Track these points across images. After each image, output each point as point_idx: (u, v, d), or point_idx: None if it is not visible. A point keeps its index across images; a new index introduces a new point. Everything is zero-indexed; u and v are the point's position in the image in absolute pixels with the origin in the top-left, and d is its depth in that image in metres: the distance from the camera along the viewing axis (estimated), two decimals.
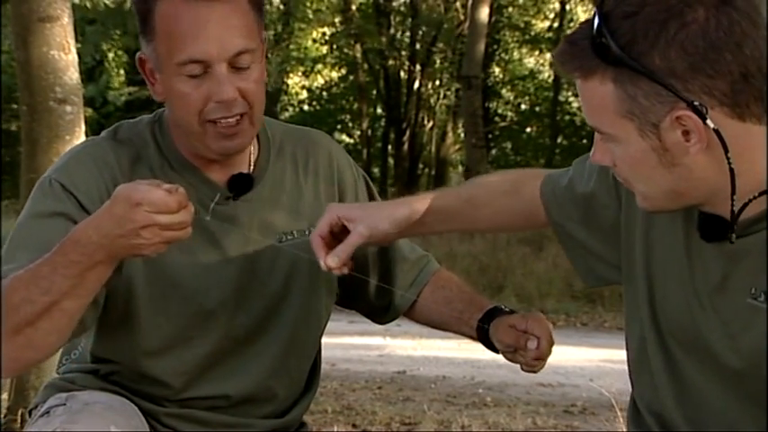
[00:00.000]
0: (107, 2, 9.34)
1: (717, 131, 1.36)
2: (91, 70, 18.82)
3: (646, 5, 1.36)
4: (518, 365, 1.88)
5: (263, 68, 1.78)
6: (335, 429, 4.81)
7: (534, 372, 1.84)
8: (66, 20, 4.12)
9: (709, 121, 1.35)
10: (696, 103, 1.35)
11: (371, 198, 2.03)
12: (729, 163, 1.38)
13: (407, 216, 1.78)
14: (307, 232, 1.88)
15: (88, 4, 9.26)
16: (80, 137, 4.15)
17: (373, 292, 2.01)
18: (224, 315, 1.83)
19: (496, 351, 1.92)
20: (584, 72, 1.42)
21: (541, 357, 1.80)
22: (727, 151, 1.37)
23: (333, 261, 1.71)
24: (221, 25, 1.70)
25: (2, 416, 4.29)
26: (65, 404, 1.77)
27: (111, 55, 20.09)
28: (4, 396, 4.50)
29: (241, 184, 1.84)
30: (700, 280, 1.53)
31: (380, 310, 2.05)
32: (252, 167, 1.87)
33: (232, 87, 1.71)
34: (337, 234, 1.75)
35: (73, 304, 1.59)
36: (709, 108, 1.36)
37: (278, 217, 1.88)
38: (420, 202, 1.79)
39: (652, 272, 1.62)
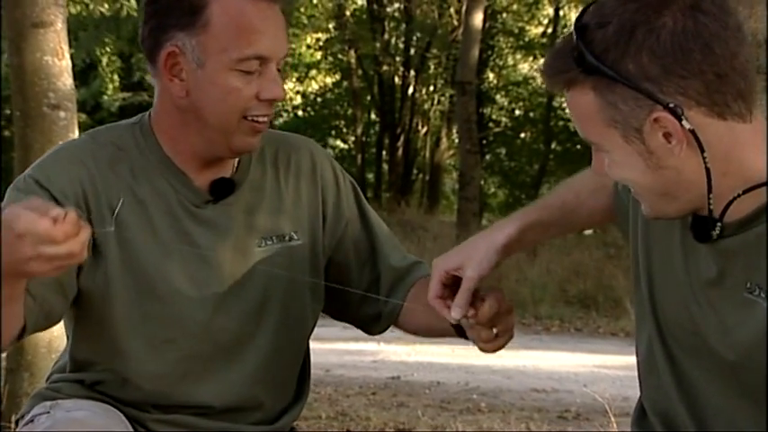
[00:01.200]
0: (103, 10, 9.32)
1: (693, 131, 1.40)
2: (84, 74, 18.81)
3: (616, 15, 1.41)
4: (513, 373, 1.87)
5: None
6: None
7: (486, 351, 1.78)
8: (60, 25, 4.12)
9: (684, 122, 1.39)
10: (671, 105, 1.39)
11: (359, 204, 2.00)
12: (705, 162, 1.41)
13: (505, 243, 1.76)
14: (287, 238, 1.88)
15: (84, 12, 9.24)
16: None
17: (360, 303, 1.98)
18: (203, 318, 1.82)
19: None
20: (566, 83, 1.46)
21: (481, 322, 1.73)
22: (703, 151, 1.41)
23: (457, 313, 1.70)
24: (278, 26, 1.77)
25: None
26: (49, 412, 1.77)
27: (104, 60, 20.07)
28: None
29: (222, 189, 1.84)
30: (696, 278, 1.55)
31: (370, 321, 2.01)
32: (234, 171, 1.87)
33: (282, 87, 1.78)
34: (449, 284, 1.75)
35: (10, 312, 1.57)
36: (686, 108, 1.40)
37: (258, 221, 1.88)
38: (513, 224, 1.77)
39: (652, 273, 1.65)
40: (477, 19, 14.97)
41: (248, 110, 1.75)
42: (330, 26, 22.42)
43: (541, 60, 23.42)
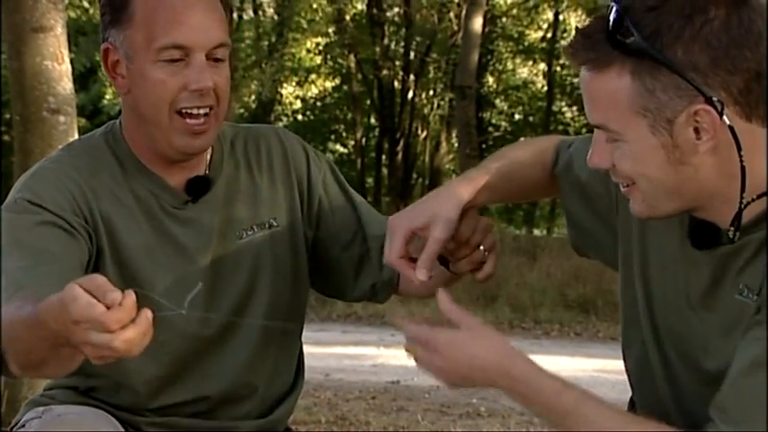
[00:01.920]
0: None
1: (731, 128, 1.38)
2: (83, 79, 18.81)
3: (668, 0, 1.38)
4: None
5: (230, 68, 1.82)
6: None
7: (483, 277, 1.77)
8: (60, 30, 4.13)
9: (725, 118, 1.37)
10: (715, 99, 1.37)
11: (338, 181, 1.99)
12: (741, 160, 1.40)
13: (467, 202, 1.72)
14: (266, 225, 1.89)
15: (84, 17, 9.27)
16: None
17: (355, 276, 1.97)
18: (192, 317, 1.82)
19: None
20: (599, 64, 1.42)
21: (460, 241, 1.72)
22: (740, 149, 1.39)
23: (422, 275, 1.68)
24: (205, 15, 1.74)
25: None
26: (41, 417, 1.78)
27: None
28: None
29: (198, 187, 1.85)
30: (693, 284, 1.55)
31: (372, 292, 1.99)
32: (207, 169, 1.88)
33: (210, 76, 1.73)
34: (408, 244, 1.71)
35: (55, 356, 1.53)
36: (725, 105, 1.38)
37: (237, 214, 1.89)
38: (471, 184, 1.73)
39: (649, 276, 1.64)
40: (477, 23, 14.99)
41: (178, 102, 1.74)
42: (330, 30, 22.42)
43: (541, 65, 23.44)
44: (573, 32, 1.51)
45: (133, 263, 1.80)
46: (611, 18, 1.40)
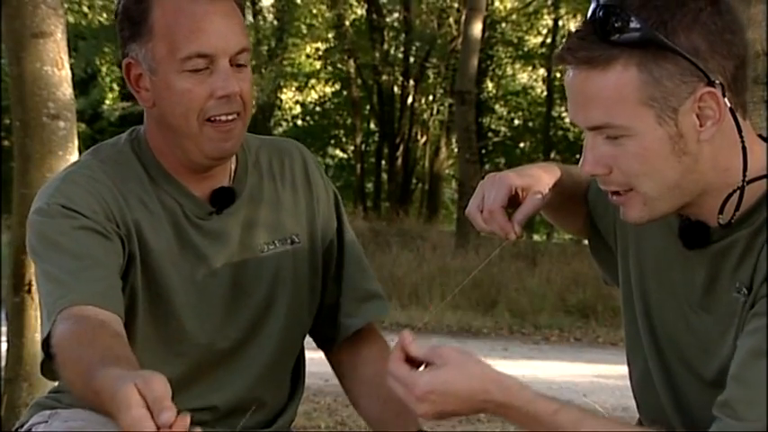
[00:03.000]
0: (102, 19, 9.36)
1: (731, 110, 1.42)
2: (84, 84, 18.82)
3: None
4: None
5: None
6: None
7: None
8: (60, 36, 4.13)
9: (726, 100, 1.41)
10: (717, 81, 1.41)
11: (339, 216, 1.98)
12: (742, 140, 1.44)
13: (554, 181, 1.73)
14: (289, 240, 1.90)
15: (83, 22, 9.27)
16: (73, 152, 4.15)
17: (327, 317, 1.97)
18: (211, 329, 1.83)
19: None
20: (601, 61, 1.43)
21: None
22: (740, 131, 1.43)
23: (519, 228, 1.68)
24: (225, 21, 1.74)
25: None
26: (47, 421, 1.77)
27: (104, 69, 20.09)
28: None
29: (223, 198, 1.85)
30: (690, 287, 1.56)
31: (324, 338, 1.98)
32: (231, 180, 1.88)
33: (235, 82, 1.74)
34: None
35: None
36: (724, 87, 1.42)
37: (259, 227, 1.88)
38: (555, 174, 1.74)
39: (647, 288, 1.65)
40: (477, 29, 14.99)
41: (207, 110, 1.74)
42: (329, 36, 22.45)
43: (540, 70, 23.46)
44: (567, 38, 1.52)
45: (159, 270, 1.80)
46: (601, 16, 1.42)
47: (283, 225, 1.91)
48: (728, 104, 1.41)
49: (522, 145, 23.79)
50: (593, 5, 1.45)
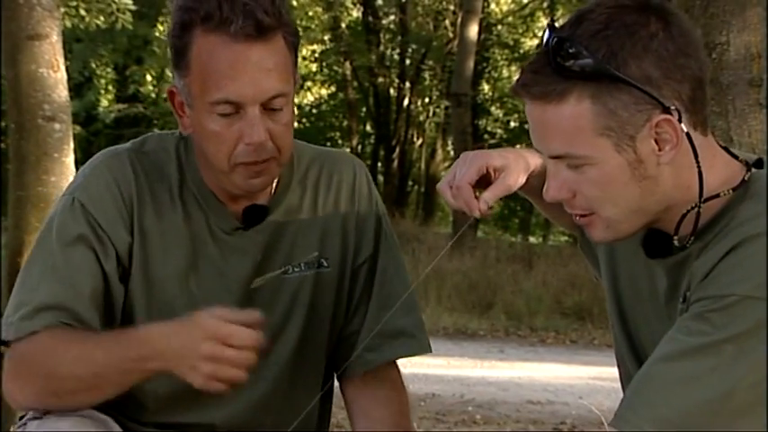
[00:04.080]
0: (99, 22, 9.31)
1: (688, 135, 1.42)
2: (79, 86, 18.80)
3: (612, 21, 1.42)
4: (508, 385, 1.86)
5: (293, 110, 1.77)
6: None
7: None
8: (55, 38, 4.13)
9: (683, 125, 1.41)
10: (672, 108, 1.41)
11: (377, 242, 1.91)
12: (698, 165, 1.44)
13: (537, 168, 1.73)
14: (315, 264, 1.85)
15: (81, 25, 9.22)
16: (69, 154, 4.15)
17: (342, 343, 1.92)
18: None
19: None
20: (556, 95, 1.44)
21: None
22: (696, 155, 1.43)
23: (484, 206, 1.67)
24: (258, 68, 1.68)
25: None
26: (41, 418, 1.75)
27: (99, 71, 20.07)
28: None
29: (254, 215, 1.82)
30: (656, 294, 1.58)
31: (337, 362, 1.94)
32: (271, 196, 1.84)
33: (263, 130, 1.69)
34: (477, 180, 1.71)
35: (114, 390, 1.69)
36: (680, 112, 1.42)
37: (286, 248, 1.84)
38: (538, 158, 1.73)
39: (620, 291, 1.68)
40: (473, 31, 15.00)
41: (236, 156, 1.71)
42: (325, 38, 22.44)
43: None
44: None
45: (162, 284, 1.79)
46: (554, 48, 1.42)
47: (313, 247, 1.86)
48: (685, 129, 1.41)
49: (518, 147, 23.77)
50: (546, 35, 1.46)
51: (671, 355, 1.40)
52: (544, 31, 1.47)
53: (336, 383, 1.94)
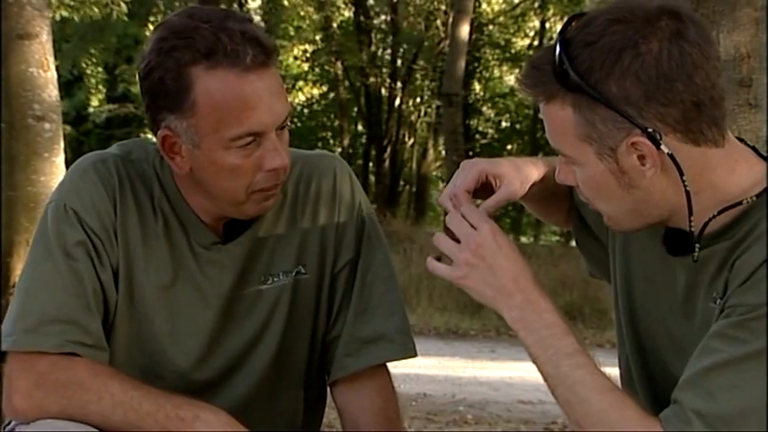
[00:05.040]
0: (93, 14, 9.31)
1: (671, 156, 1.41)
2: (69, 86, 18.76)
3: (604, 35, 1.41)
4: (499, 385, 1.86)
5: None
6: None
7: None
8: (45, 37, 4.12)
9: (663, 147, 1.40)
10: (650, 130, 1.40)
11: (359, 246, 1.88)
12: (685, 185, 1.43)
13: (539, 178, 1.72)
14: (293, 272, 1.84)
15: (76, 17, 9.20)
16: (59, 154, 4.14)
17: (326, 349, 1.90)
18: (193, 357, 1.81)
19: None
20: (545, 96, 1.46)
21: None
22: (682, 174, 1.42)
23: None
24: (271, 93, 1.65)
25: None
26: (28, 423, 1.72)
27: (89, 71, 20.04)
28: None
29: (235, 230, 1.80)
30: (673, 292, 1.57)
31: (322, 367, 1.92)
32: None
33: (285, 153, 1.68)
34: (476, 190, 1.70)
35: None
36: (663, 134, 1.41)
37: (264, 258, 1.83)
38: (540, 169, 1.73)
39: (633, 289, 1.66)
40: (464, 31, 15.03)
41: (255, 184, 1.68)
42: (317, 38, 22.45)
43: None
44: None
45: (145, 296, 1.78)
46: (556, 51, 1.43)
47: (291, 255, 1.84)
48: (667, 150, 1.40)
49: (509, 147, 23.83)
50: (557, 35, 1.46)
51: (714, 366, 1.39)
52: (565, 23, 1.47)
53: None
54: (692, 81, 1.40)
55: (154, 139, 1.80)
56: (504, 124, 24.03)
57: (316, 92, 24.44)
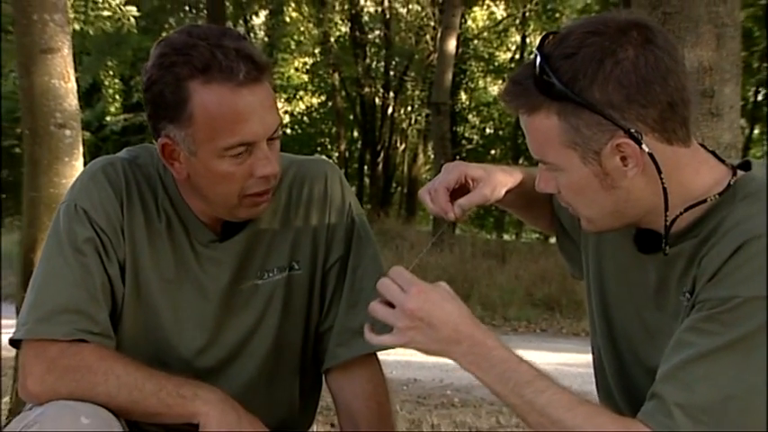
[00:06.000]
0: (105, 27, 9.30)
1: (651, 155, 1.41)
2: (88, 96, 18.74)
3: (582, 47, 1.41)
4: None
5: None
6: (315, 429, 4.80)
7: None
8: (66, 51, 4.12)
9: (644, 146, 1.41)
10: (633, 131, 1.40)
11: (349, 244, 1.89)
12: (662, 183, 1.43)
13: (515, 185, 1.73)
14: (287, 268, 1.85)
15: (91, 30, 9.18)
16: (78, 158, 4.14)
17: (319, 339, 1.91)
18: (195, 346, 1.81)
19: None
20: (529, 108, 1.45)
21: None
22: (660, 172, 1.43)
23: (459, 211, 1.67)
24: (263, 106, 1.65)
25: (3, 419, 4.26)
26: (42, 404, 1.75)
27: (107, 82, 20.02)
28: (6, 400, 4.47)
29: (231, 229, 1.81)
30: (644, 286, 1.58)
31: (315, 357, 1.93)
32: None
33: (275, 161, 1.69)
34: (454, 189, 1.71)
35: (138, 417, 1.68)
36: (643, 134, 1.41)
37: (260, 255, 1.83)
38: (516, 177, 1.74)
39: (605, 285, 1.67)
40: (451, 45, 15.01)
41: (246, 189, 1.69)
42: (316, 51, 22.44)
43: None
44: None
45: (150, 289, 1.78)
46: (537, 65, 1.43)
47: (285, 252, 1.85)
48: (647, 149, 1.41)
49: (493, 152, 23.83)
50: (535, 51, 1.45)
51: (690, 359, 1.38)
52: (540, 41, 1.47)
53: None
54: (667, 83, 1.41)
55: None
56: (488, 131, 24.03)
57: (315, 101, 24.43)
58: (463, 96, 23.12)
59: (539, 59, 1.43)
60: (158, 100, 1.67)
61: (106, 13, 8.72)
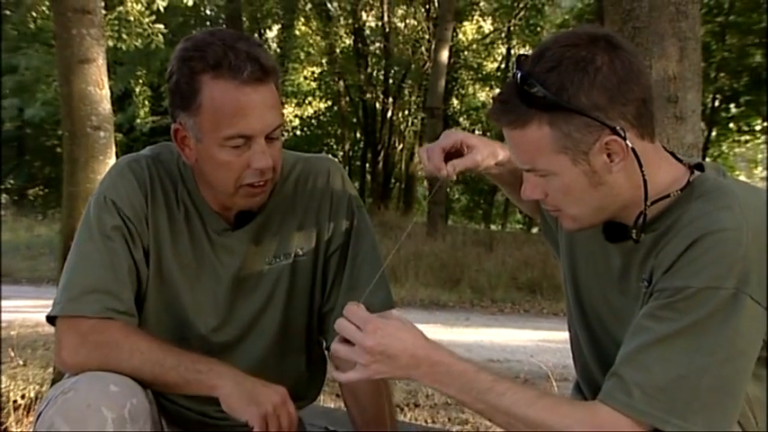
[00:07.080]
0: (137, 44, 9.29)
1: (633, 150, 1.41)
2: (121, 101, 18.71)
3: (563, 59, 1.41)
4: (473, 347, 1.86)
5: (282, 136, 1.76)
6: (322, 399, 4.81)
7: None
8: (101, 61, 4.13)
9: (628, 141, 1.41)
10: (617, 128, 1.40)
11: (349, 232, 1.88)
12: (643, 175, 1.43)
13: (505, 160, 1.73)
14: (292, 254, 1.85)
15: (124, 47, 9.18)
16: (111, 157, 4.16)
17: (321, 322, 1.92)
18: (211, 323, 1.82)
19: None
20: (520, 123, 1.44)
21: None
22: (641, 166, 1.43)
23: (451, 169, 1.68)
24: (264, 105, 1.66)
25: (33, 392, 4.27)
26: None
27: (137, 89, 19.98)
28: (50, 371, 4.48)
29: (243, 218, 1.82)
30: (610, 271, 1.59)
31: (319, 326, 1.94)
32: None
33: (269, 156, 1.68)
34: (450, 153, 1.71)
35: (160, 389, 1.68)
36: (625, 131, 1.41)
37: (269, 243, 1.84)
38: (507, 151, 1.74)
39: (576, 270, 1.68)
40: (444, 56, 15.00)
41: (243, 178, 1.69)
42: (323, 61, 22.40)
43: (497, 90, 23.70)
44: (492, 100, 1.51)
45: (170, 274, 1.79)
46: (519, 83, 1.42)
47: (291, 240, 1.85)
48: (630, 144, 1.41)
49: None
50: (514, 67, 1.45)
51: (647, 343, 1.38)
52: (515, 62, 1.45)
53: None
54: (640, 81, 1.42)
55: None
56: (477, 132, 23.98)
57: (322, 106, 24.38)
58: (455, 102, 23.07)
59: (520, 77, 1.42)
60: (175, 89, 1.68)
61: (138, 30, 8.70)
